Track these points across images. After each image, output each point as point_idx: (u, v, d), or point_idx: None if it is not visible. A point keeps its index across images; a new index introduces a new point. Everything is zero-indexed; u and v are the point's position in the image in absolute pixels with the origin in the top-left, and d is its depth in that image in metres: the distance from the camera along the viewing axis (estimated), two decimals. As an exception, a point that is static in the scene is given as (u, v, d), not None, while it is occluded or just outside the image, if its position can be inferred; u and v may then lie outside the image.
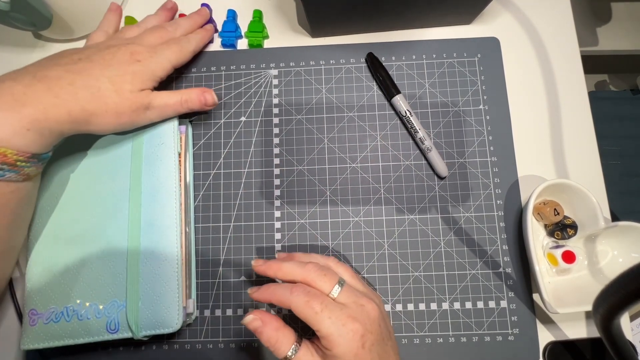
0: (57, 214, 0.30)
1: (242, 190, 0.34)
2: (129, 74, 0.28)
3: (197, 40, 0.34)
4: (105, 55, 0.29)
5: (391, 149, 0.34)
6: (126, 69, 0.29)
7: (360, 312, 0.24)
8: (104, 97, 0.27)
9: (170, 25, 0.33)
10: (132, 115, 0.29)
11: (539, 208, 0.31)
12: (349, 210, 0.33)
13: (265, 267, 0.26)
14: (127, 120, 0.29)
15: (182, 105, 0.31)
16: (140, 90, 0.29)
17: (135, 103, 0.28)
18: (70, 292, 0.29)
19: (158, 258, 0.29)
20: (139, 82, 0.29)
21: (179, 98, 0.31)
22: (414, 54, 0.36)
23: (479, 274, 0.32)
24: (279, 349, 0.23)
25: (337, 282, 0.25)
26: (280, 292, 0.24)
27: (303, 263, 0.26)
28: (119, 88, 0.28)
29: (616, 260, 0.30)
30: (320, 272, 0.25)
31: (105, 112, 0.27)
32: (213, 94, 0.32)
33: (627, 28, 0.79)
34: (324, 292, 0.24)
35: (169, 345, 0.31)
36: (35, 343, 0.28)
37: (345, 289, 0.25)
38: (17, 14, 0.31)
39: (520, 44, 0.36)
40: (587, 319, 0.31)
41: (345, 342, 0.22)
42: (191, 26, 0.35)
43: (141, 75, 0.29)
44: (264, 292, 0.25)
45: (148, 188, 0.30)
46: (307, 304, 0.23)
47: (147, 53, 0.30)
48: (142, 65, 0.29)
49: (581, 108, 0.35)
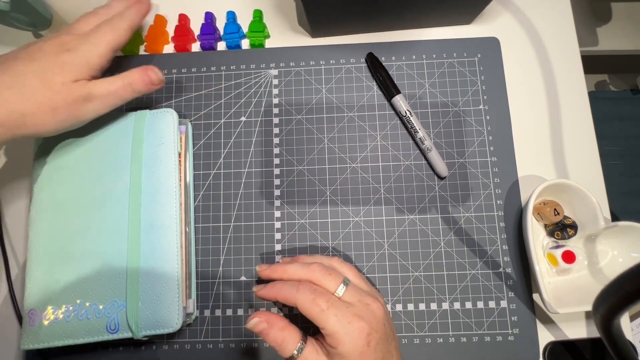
0: (57, 214, 0.30)
1: (242, 190, 0.34)
2: (57, 66, 0.26)
3: (131, 16, 0.30)
4: (30, 50, 0.27)
5: (391, 149, 0.34)
6: (54, 60, 0.26)
7: (365, 310, 0.24)
8: (33, 94, 0.25)
9: (102, 8, 0.31)
10: (71, 109, 0.26)
11: (539, 208, 0.31)
12: (349, 210, 0.33)
13: (269, 271, 0.27)
14: (67, 116, 0.27)
15: (126, 89, 0.28)
16: (74, 81, 0.26)
17: (70, 95, 0.26)
18: (70, 292, 0.29)
19: (158, 258, 0.29)
20: (71, 73, 0.26)
21: (121, 82, 0.28)
22: (414, 54, 0.36)
23: (479, 274, 0.32)
24: (285, 348, 0.23)
25: (342, 281, 0.25)
26: (286, 290, 0.24)
27: (307, 264, 0.26)
28: (48, 82, 0.25)
29: (616, 260, 0.30)
30: (325, 272, 0.25)
31: (39, 110, 0.25)
32: (157, 70, 0.29)
33: (627, 28, 0.79)
34: (329, 290, 0.24)
35: (169, 345, 0.31)
36: (35, 343, 0.28)
37: (351, 288, 0.25)
38: (17, 14, 0.31)
39: (520, 44, 0.36)
40: (587, 319, 0.31)
41: (350, 340, 0.22)
42: (125, 5, 0.31)
43: (73, 65, 0.26)
44: (270, 290, 0.25)
45: (148, 188, 0.30)
46: (313, 301, 0.23)
47: (77, 41, 0.27)
48: (73, 54, 0.27)
49: (581, 108, 0.35)
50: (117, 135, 0.32)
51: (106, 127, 0.32)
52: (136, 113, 0.32)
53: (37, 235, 0.30)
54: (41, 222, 0.30)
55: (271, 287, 0.26)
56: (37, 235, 0.30)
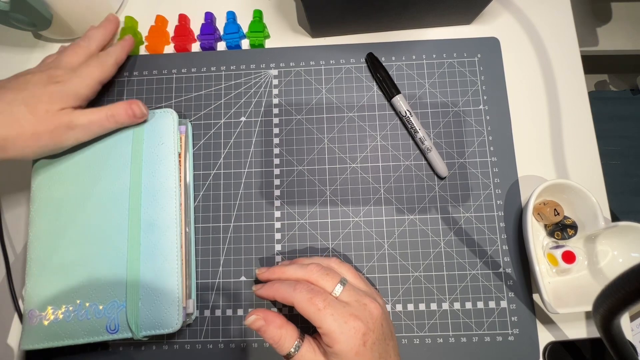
0: (57, 215, 0.30)
1: (242, 190, 0.34)
2: (45, 95, 0.28)
3: (117, 53, 0.33)
4: (20, 81, 0.28)
5: (391, 149, 0.34)
6: (42, 90, 0.28)
7: (362, 310, 0.24)
8: (18, 120, 0.26)
9: (83, 40, 0.33)
10: (53, 135, 0.28)
11: (539, 208, 0.31)
12: (349, 210, 0.33)
13: (268, 274, 0.27)
14: (49, 142, 0.28)
15: (109, 120, 0.30)
16: (60, 110, 0.28)
17: (53, 123, 0.27)
18: (70, 292, 0.29)
19: (158, 258, 0.29)
20: (57, 102, 0.28)
21: (105, 114, 0.30)
22: (414, 54, 0.36)
23: (479, 274, 0.32)
24: (282, 345, 0.24)
25: (339, 281, 0.25)
26: (284, 289, 0.25)
27: (305, 264, 0.26)
28: (33, 108, 0.27)
29: (616, 260, 0.30)
30: (323, 272, 0.25)
31: (22, 135, 0.26)
32: (140, 105, 0.31)
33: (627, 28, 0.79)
34: (326, 290, 0.24)
35: (169, 345, 0.31)
36: (35, 343, 0.28)
37: (348, 288, 0.25)
38: (17, 14, 0.31)
39: (520, 44, 0.36)
40: (587, 319, 0.31)
41: (346, 339, 0.22)
42: (104, 35, 0.34)
43: (60, 95, 0.28)
44: (268, 290, 0.26)
45: (148, 188, 0.30)
46: (310, 300, 0.23)
47: (66, 75, 0.29)
48: (62, 85, 0.29)
49: (581, 108, 0.35)
50: (117, 135, 0.32)
51: (106, 127, 0.32)
52: (136, 113, 0.32)
53: (37, 235, 0.30)
54: (41, 222, 0.30)
55: (270, 287, 0.26)
56: (37, 235, 0.30)
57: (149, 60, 0.36)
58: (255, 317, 0.25)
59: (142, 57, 0.36)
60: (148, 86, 0.36)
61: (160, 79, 0.36)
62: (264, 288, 0.26)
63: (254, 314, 0.25)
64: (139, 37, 0.37)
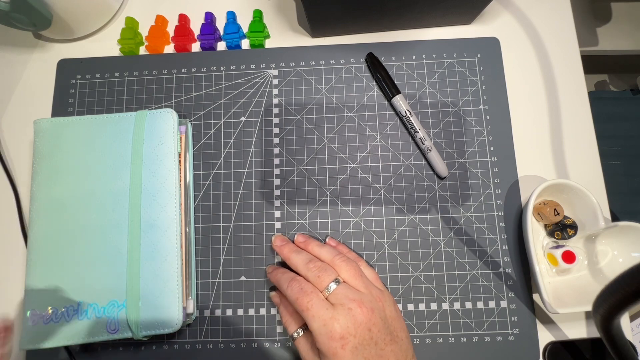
0: (57, 215, 0.30)
1: (242, 190, 0.34)
2: None
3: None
4: None
5: (391, 149, 0.34)
6: None
7: (344, 314, 0.24)
8: None
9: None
10: None
11: (539, 208, 0.31)
12: (349, 210, 0.33)
13: (279, 249, 0.30)
14: None
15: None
16: None
17: None
18: (71, 292, 0.29)
19: (158, 258, 0.29)
20: None
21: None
22: (414, 54, 0.36)
23: (479, 274, 0.32)
24: (287, 327, 0.28)
25: (332, 281, 0.26)
26: (281, 283, 0.27)
27: (307, 259, 0.28)
28: None
29: (616, 260, 0.30)
30: (318, 272, 0.26)
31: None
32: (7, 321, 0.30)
33: (627, 28, 0.79)
34: (318, 289, 0.26)
35: (169, 345, 0.31)
36: (35, 343, 0.28)
37: (339, 290, 0.25)
38: (17, 14, 0.31)
39: (520, 44, 0.36)
40: (587, 319, 0.31)
41: (324, 340, 0.24)
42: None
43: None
44: (273, 276, 0.29)
45: (148, 188, 0.30)
46: (297, 300, 0.25)
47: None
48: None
49: (581, 108, 0.35)
50: (117, 135, 0.32)
51: (106, 127, 0.32)
52: (136, 113, 0.32)
53: (37, 235, 0.30)
54: (41, 222, 0.30)
55: (274, 274, 0.29)
56: (37, 235, 0.30)
57: (149, 60, 0.36)
58: (275, 294, 0.31)
59: (142, 57, 0.36)
60: (148, 86, 0.36)
61: (160, 79, 0.36)
62: (272, 273, 0.29)
63: (275, 292, 0.31)
64: (139, 37, 0.37)
